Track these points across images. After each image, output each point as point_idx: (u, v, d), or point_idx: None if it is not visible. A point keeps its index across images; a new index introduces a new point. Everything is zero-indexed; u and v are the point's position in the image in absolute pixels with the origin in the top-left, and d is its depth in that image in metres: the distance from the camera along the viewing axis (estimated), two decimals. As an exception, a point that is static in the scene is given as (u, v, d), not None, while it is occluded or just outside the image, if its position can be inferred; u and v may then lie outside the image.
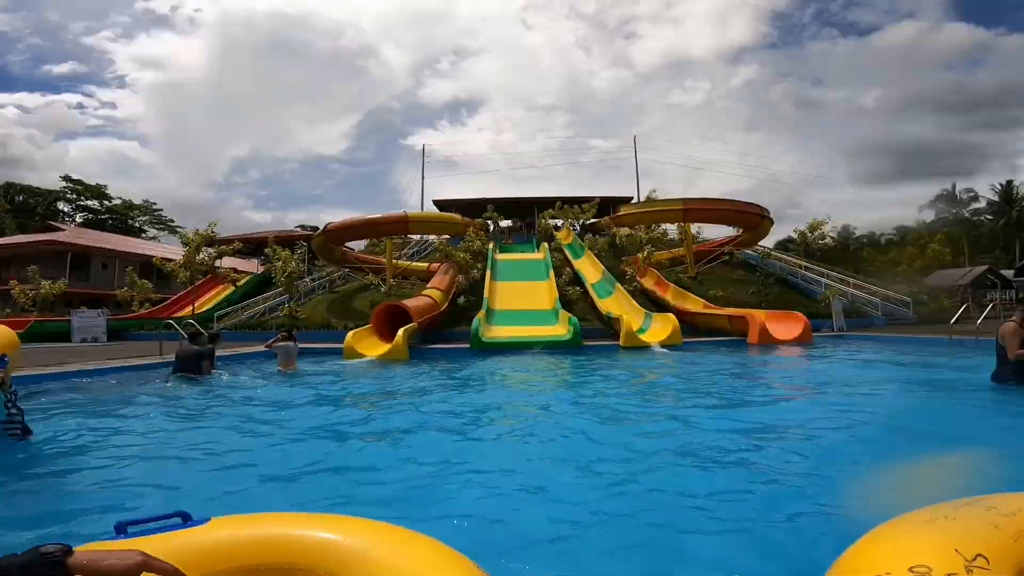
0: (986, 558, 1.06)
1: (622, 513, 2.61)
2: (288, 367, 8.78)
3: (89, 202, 53.19)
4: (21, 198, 50.49)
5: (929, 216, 51.19)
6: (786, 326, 13.70)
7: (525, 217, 36.73)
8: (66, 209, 52.59)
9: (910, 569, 1.06)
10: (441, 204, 37.92)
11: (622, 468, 3.37)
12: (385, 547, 1.31)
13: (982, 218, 49.24)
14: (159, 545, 1.23)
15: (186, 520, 1.40)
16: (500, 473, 3.32)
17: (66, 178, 51.64)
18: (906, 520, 1.29)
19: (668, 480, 3.15)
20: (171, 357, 9.45)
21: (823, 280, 20.61)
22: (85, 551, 1.03)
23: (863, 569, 1.15)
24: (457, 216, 24.33)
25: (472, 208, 31.28)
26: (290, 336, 9.15)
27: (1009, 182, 46.75)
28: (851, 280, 21.23)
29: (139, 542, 1.25)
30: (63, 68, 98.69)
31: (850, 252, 48.08)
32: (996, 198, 47.19)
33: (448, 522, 2.50)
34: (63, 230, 36.42)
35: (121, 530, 1.33)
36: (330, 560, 1.29)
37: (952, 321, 12.12)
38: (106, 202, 53.71)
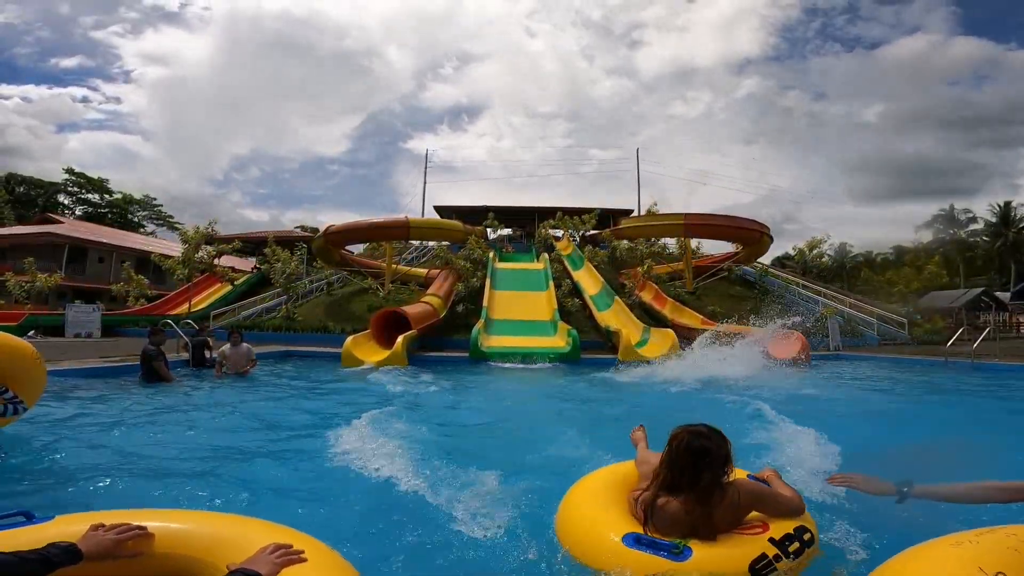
0: (1005, 575, 1.25)
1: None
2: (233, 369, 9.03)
3: (90, 195, 52.93)
4: (22, 189, 50.21)
5: (926, 236, 51.37)
6: (784, 345, 13.67)
7: (525, 225, 36.72)
8: (66, 202, 52.34)
9: None
10: (442, 210, 37.88)
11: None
12: (230, 532, 1.47)
13: (978, 239, 49.25)
14: (1, 543, 1.27)
15: (29, 518, 1.43)
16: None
17: (69, 171, 51.42)
18: (935, 544, 1.48)
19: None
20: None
21: (820, 299, 20.66)
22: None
23: None
24: (458, 223, 24.33)
25: (472, 215, 31.25)
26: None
27: (1008, 203, 46.62)
28: (848, 300, 21.30)
29: None
30: (70, 62, 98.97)
31: (846, 271, 48.28)
32: (994, 219, 47.07)
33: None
34: (61, 222, 36.26)
35: None
36: (181, 547, 1.43)
37: (948, 344, 12.17)
38: (107, 196, 53.46)
